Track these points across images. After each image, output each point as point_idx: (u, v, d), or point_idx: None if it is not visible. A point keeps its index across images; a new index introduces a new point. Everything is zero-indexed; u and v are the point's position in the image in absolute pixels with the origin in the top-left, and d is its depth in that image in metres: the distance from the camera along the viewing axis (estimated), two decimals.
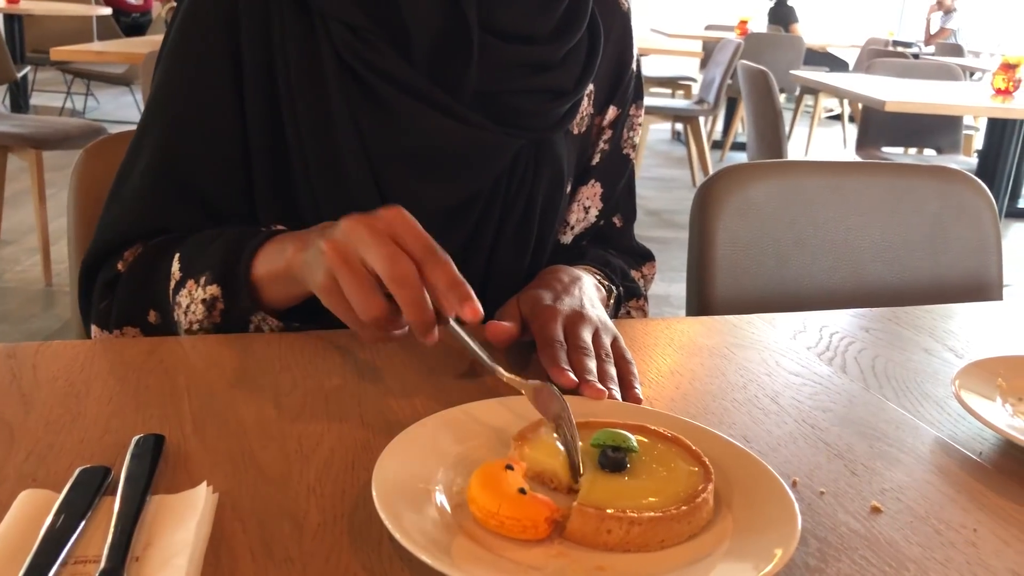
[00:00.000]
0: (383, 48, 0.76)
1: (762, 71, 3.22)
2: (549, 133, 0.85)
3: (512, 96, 0.80)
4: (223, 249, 0.70)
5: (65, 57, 3.04)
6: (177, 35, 0.79)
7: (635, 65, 0.94)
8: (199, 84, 0.77)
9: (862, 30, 8.65)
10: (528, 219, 0.86)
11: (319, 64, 0.76)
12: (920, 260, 1.23)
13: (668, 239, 4.01)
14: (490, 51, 0.78)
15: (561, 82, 0.83)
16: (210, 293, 0.70)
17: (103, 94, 6.71)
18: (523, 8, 0.79)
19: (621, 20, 0.92)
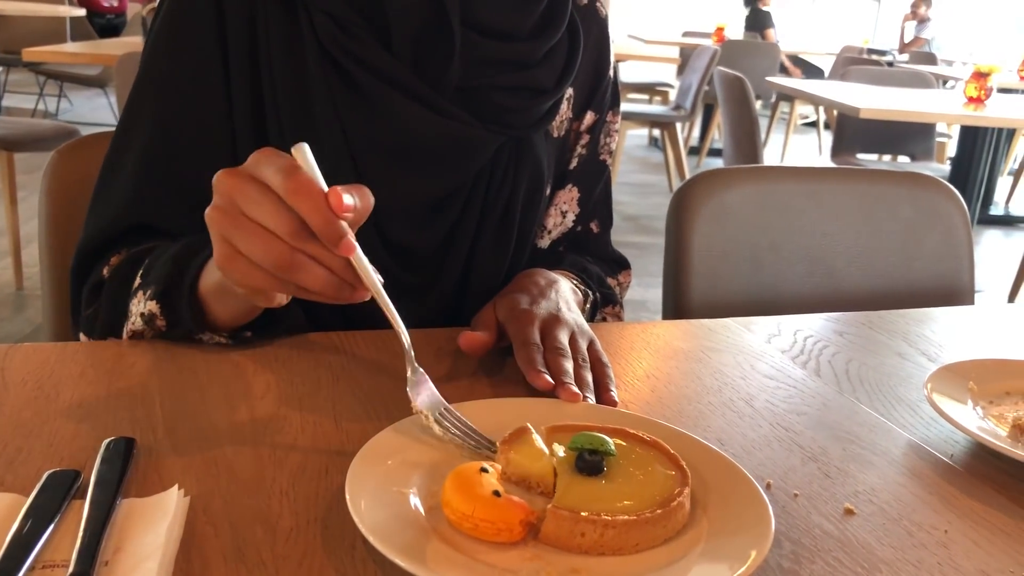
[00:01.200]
0: (366, 39, 0.76)
1: (738, 78, 3.24)
2: (529, 131, 0.85)
3: (493, 92, 0.81)
4: (169, 263, 0.69)
5: (38, 58, 3.01)
6: (162, 30, 0.78)
7: (612, 72, 0.95)
8: (186, 78, 0.77)
9: (837, 38, 8.74)
10: (508, 218, 0.86)
11: (302, 55, 0.76)
12: (894, 265, 1.24)
13: (645, 244, 4.03)
14: (471, 47, 0.78)
15: (541, 80, 0.83)
16: (149, 309, 0.68)
17: (77, 96, 6.64)
18: (503, 5, 0.79)
19: (599, 27, 0.92)
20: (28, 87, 6.39)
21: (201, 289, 0.66)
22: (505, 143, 0.84)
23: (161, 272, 0.68)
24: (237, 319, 0.68)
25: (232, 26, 0.76)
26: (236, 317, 0.68)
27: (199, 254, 0.67)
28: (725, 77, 3.41)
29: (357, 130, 0.78)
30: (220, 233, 0.54)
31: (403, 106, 0.77)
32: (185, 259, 0.68)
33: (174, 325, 0.68)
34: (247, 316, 0.68)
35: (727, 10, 8.22)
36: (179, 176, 0.77)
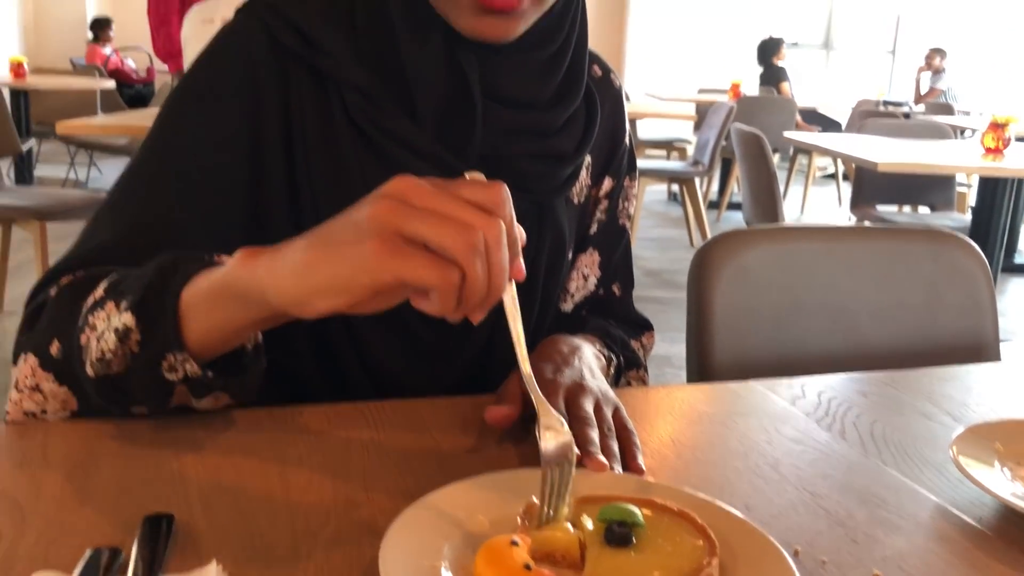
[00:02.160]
0: (392, 112, 0.79)
1: (755, 135, 3.27)
2: (552, 196, 0.88)
3: (516, 160, 0.83)
4: (152, 274, 0.63)
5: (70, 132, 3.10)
6: (191, 91, 0.80)
7: (628, 140, 0.97)
8: (209, 142, 0.78)
9: (853, 91, 8.80)
10: (532, 283, 0.88)
11: (333, 130, 0.79)
12: (916, 322, 1.24)
13: (667, 299, 4.03)
14: (494, 116, 0.81)
15: (562, 147, 0.86)
16: (124, 323, 0.62)
17: (105, 164, 6.79)
18: (524, 75, 0.82)
19: (613, 97, 0.95)
20: (60, 156, 6.55)
21: (184, 304, 0.61)
22: (528, 209, 0.86)
23: (139, 283, 0.63)
24: (211, 348, 0.63)
25: (267, 101, 0.79)
26: (211, 346, 0.62)
27: (184, 266, 0.63)
28: (742, 134, 3.44)
29: None
30: (394, 222, 0.50)
31: (428, 175, 0.79)
32: (169, 269, 0.63)
33: (148, 343, 0.62)
34: (234, 335, 0.63)
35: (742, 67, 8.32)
36: (172, 231, 0.75)
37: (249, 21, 0.81)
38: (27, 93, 5.37)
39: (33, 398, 0.67)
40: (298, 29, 0.80)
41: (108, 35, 8.13)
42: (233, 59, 0.80)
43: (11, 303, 3.54)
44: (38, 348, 0.67)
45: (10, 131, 4.30)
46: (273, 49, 0.79)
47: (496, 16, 0.74)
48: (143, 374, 0.62)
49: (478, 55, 0.79)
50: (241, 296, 0.58)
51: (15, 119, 4.83)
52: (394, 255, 0.50)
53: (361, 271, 0.51)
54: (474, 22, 0.75)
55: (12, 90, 5.15)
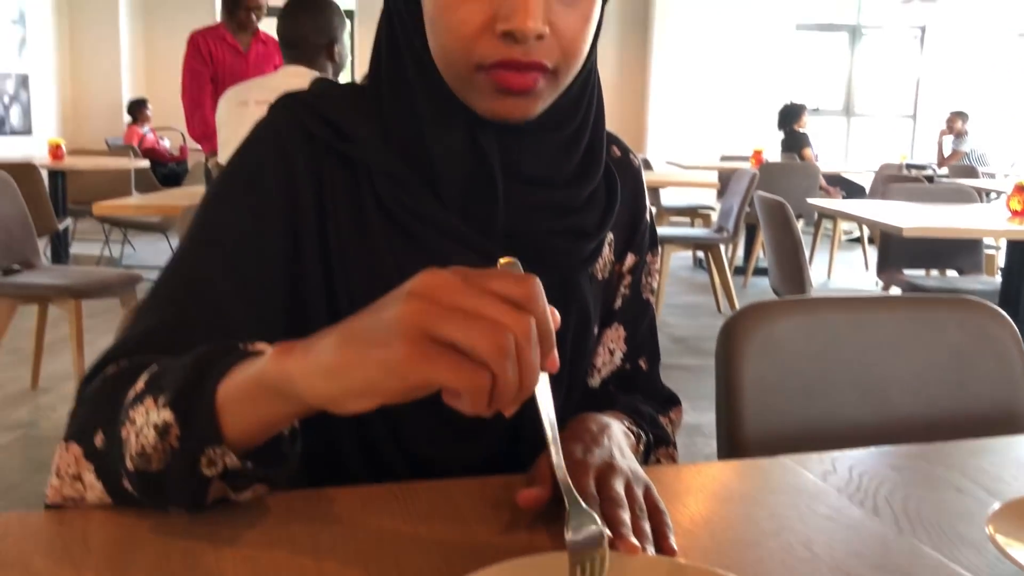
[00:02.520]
0: (419, 193, 0.82)
1: (779, 202, 3.29)
2: (576, 272, 0.90)
3: (540, 236, 0.85)
4: (190, 368, 0.63)
5: (107, 212, 3.18)
6: (230, 181, 0.84)
7: (648, 216, 1.00)
8: (248, 228, 0.81)
9: (875, 155, 8.84)
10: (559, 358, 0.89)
11: (365, 214, 0.82)
12: (946, 392, 1.23)
13: (696, 367, 4.01)
14: (517, 194, 0.83)
15: (585, 223, 0.88)
16: (163, 419, 0.62)
17: (139, 241, 6.94)
18: (544, 154, 0.85)
19: (633, 176, 0.98)
20: (95, 234, 6.71)
21: (221, 398, 0.62)
22: (553, 284, 0.87)
23: (176, 378, 0.63)
24: (249, 440, 0.63)
25: (302, 190, 0.83)
26: (250, 438, 0.63)
27: (220, 360, 0.63)
28: (765, 201, 3.47)
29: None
30: (422, 324, 0.50)
31: (456, 254, 0.82)
32: (205, 364, 0.63)
33: (187, 438, 0.62)
34: (271, 430, 0.63)
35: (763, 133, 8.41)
36: (217, 317, 0.77)
37: (282, 114, 0.85)
38: (64, 173, 5.52)
39: (74, 486, 0.69)
40: (329, 120, 0.83)
41: (145, 115, 8.40)
42: (269, 152, 0.83)
43: (45, 380, 3.60)
44: (82, 438, 0.68)
45: (48, 211, 4.43)
46: (306, 140, 0.83)
47: (514, 97, 0.77)
48: (182, 470, 0.63)
49: (499, 136, 0.82)
50: (276, 393, 0.58)
51: (52, 199, 4.97)
52: (424, 359, 0.50)
53: (391, 375, 0.51)
54: (493, 104, 0.78)
55: (50, 171, 5.30)
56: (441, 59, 0.79)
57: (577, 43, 0.77)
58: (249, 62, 4.10)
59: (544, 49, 0.75)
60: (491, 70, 0.76)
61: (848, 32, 9.91)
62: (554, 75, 0.78)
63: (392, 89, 0.83)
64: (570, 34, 0.76)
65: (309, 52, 2.80)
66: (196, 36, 4.06)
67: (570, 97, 0.84)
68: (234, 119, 2.75)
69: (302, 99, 0.86)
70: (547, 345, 0.53)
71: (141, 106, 8.41)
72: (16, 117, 8.22)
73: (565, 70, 0.78)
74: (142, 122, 8.37)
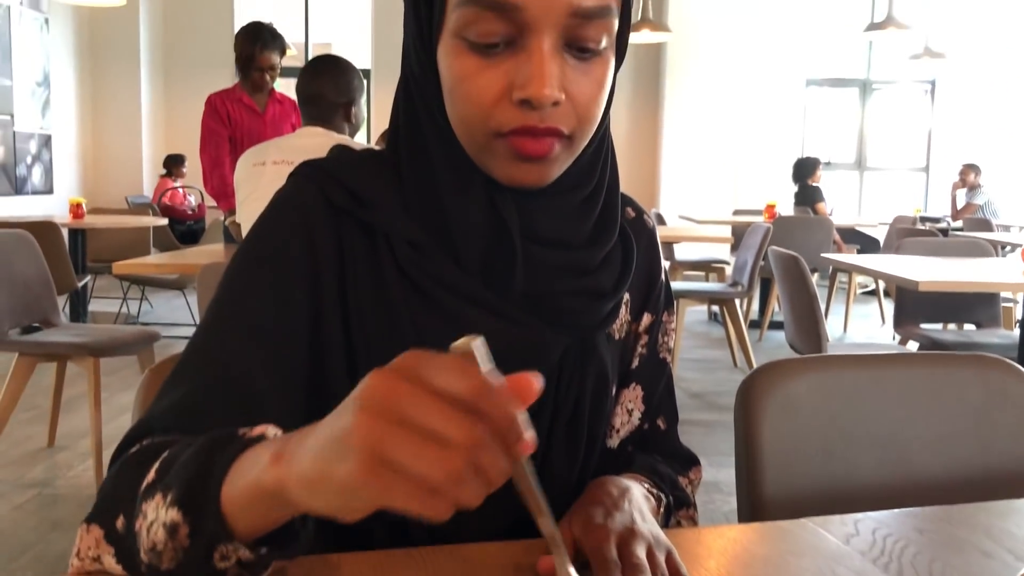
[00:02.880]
0: (438, 259, 0.83)
1: (793, 257, 3.30)
2: (594, 332, 0.90)
3: (558, 297, 0.86)
4: (193, 463, 0.62)
5: (126, 271, 3.22)
6: (255, 260, 0.84)
7: (664, 276, 1.01)
8: (272, 298, 0.82)
9: (888, 208, 8.85)
10: (577, 419, 0.89)
11: (385, 281, 0.83)
12: (968, 451, 1.22)
13: (713, 422, 3.99)
14: (534, 256, 0.84)
15: (601, 284, 0.89)
16: (171, 518, 0.61)
17: (156, 298, 7.00)
18: (560, 217, 0.86)
19: (647, 236, 1.00)
20: (113, 291, 6.77)
21: (226, 498, 0.60)
22: (571, 345, 0.88)
23: (182, 473, 0.62)
24: (266, 527, 0.61)
25: (323, 259, 0.83)
26: (265, 526, 0.61)
27: (221, 456, 0.61)
28: (780, 256, 3.47)
29: (434, 342, 0.82)
30: (372, 446, 0.48)
31: (475, 317, 0.83)
32: (207, 458, 0.61)
33: (197, 535, 0.61)
34: (277, 524, 0.61)
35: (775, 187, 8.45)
36: (240, 390, 0.78)
37: (303, 183, 0.86)
38: (84, 232, 5.60)
39: (93, 568, 0.68)
40: (349, 188, 0.85)
41: (181, 171, 8.65)
42: (290, 224, 0.84)
43: (62, 437, 3.61)
44: (103, 520, 0.67)
45: (67, 269, 4.48)
46: (327, 209, 0.84)
47: (530, 163, 0.79)
48: (195, 565, 0.61)
49: (516, 200, 0.84)
50: (277, 501, 0.56)
51: (72, 256, 5.03)
52: (379, 485, 0.48)
53: (354, 498, 0.50)
54: (510, 171, 0.80)
55: (71, 229, 5.38)
56: (459, 126, 0.81)
57: (592, 109, 0.79)
58: (266, 121, 4.17)
59: (560, 115, 0.77)
60: (508, 137, 0.77)
61: (858, 87, 10.00)
62: (570, 140, 0.79)
63: (411, 156, 0.85)
64: (585, 100, 0.78)
65: (327, 111, 2.85)
66: (213, 98, 4.14)
67: (585, 160, 0.85)
68: (252, 178, 2.79)
69: (322, 167, 0.87)
70: (512, 436, 0.49)
71: (178, 162, 8.68)
72: (38, 176, 8.36)
73: (580, 135, 0.80)
74: (176, 177, 8.59)
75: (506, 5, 0.73)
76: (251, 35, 4.05)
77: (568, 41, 0.76)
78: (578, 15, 0.75)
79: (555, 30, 0.75)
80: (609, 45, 0.79)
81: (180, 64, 9.42)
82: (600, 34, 0.77)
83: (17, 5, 7.95)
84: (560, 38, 0.75)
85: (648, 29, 6.73)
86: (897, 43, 8.59)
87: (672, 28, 7.55)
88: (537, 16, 0.74)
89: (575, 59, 0.77)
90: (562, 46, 0.76)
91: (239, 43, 4.07)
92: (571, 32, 0.76)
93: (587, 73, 0.78)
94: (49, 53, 8.46)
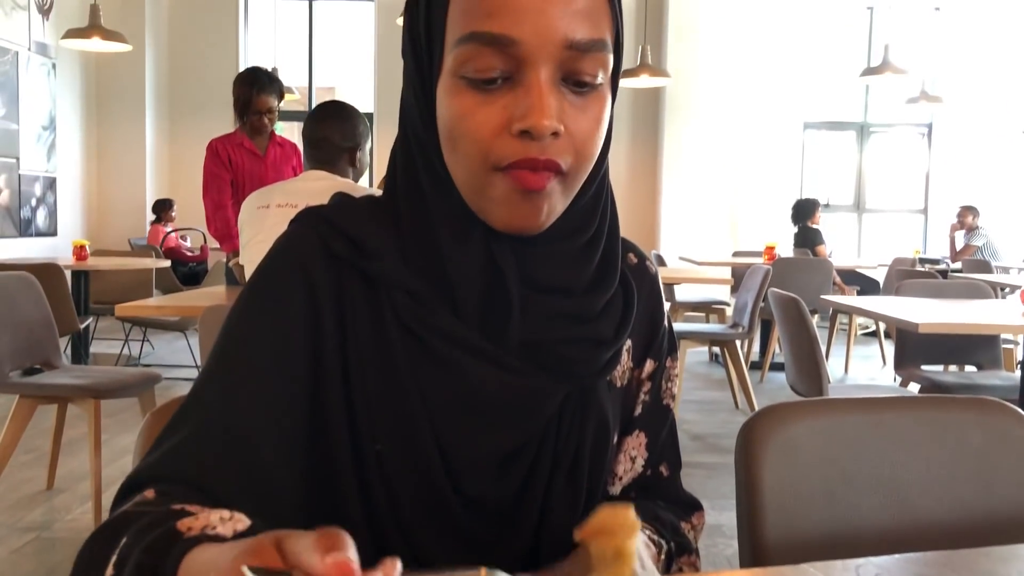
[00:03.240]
0: (437, 309, 0.83)
1: (793, 299, 3.31)
2: (593, 380, 0.90)
3: (558, 345, 0.86)
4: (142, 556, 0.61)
5: (129, 314, 3.24)
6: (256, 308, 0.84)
7: (666, 322, 1.01)
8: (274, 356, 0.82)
9: (887, 250, 8.89)
10: (578, 468, 0.89)
11: (385, 330, 0.83)
12: (970, 495, 1.22)
13: (715, 464, 3.97)
14: (533, 304, 0.84)
15: (602, 332, 0.88)
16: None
17: (158, 340, 7.01)
18: (558, 265, 0.86)
19: (650, 281, 1.00)
20: (114, 333, 6.78)
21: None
22: (571, 393, 0.88)
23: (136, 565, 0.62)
24: None
25: (324, 308, 0.84)
26: None
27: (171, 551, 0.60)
28: (780, 298, 3.48)
29: (433, 392, 0.83)
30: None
31: (473, 367, 0.83)
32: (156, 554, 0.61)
33: None
34: None
35: (774, 228, 8.49)
36: (238, 443, 0.78)
37: (303, 231, 0.87)
38: (88, 273, 5.62)
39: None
40: (348, 236, 0.85)
41: (170, 215, 8.63)
42: (290, 270, 0.85)
43: (61, 479, 3.59)
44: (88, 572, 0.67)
45: (70, 311, 4.49)
46: (326, 256, 0.84)
47: (529, 201, 0.79)
48: None
49: (514, 249, 0.84)
50: None
51: (75, 298, 5.04)
52: None
53: None
54: (508, 212, 0.80)
55: (74, 271, 5.40)
56: (459, 167, 0.81)
57: (589, 145, 0.80)
58: (267, 164, 4.22)
59: (558, 148, 0.77)
60: (508, 171, 0.78)
61: (856, 130, 10.09)
62: (566, 178, 0.80)
63: (409, 205, 0.85)
64: (582, 135, 0.79)
65: (331, 155, 2.88)
66: (215, 143, 4.19)
67: (584, 205, 0.86)
68: (256, 221, 2.81)
69: (323, 215, 0.87)
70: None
71: (166, 206, 8.66)
72: (42, 218, 8.42)
73: (577, 172, 0.80)
74: (166, 222, 8.59)
75: (503, 39, 0.75)
76: (248, 80, 4.12)
77: (565, 75, 0.77)
78: (574, 48, 0.76)
79: (552, 63, 0.76)
80: (605, 81, 0.80)
81: (185, 108, 9.53)
82: (596, 68, 0.78)
83: (26, 51, 8.06)
84: (557, 71, 0.76)
85: (647, 74, 6.82)
86: (893, 87, 8.69)
87: (671, 72, 7.65)
88: (533, 50, 0.75)
89: (572, 94, 0.78)
90: (559, 80, 0.77)
91: (237, 88, 4.14)
92: (568, 66, 0.77)
93: (584, 109, 0.78)
94: (56, 97, 8.57)
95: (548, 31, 0.75)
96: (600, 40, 0.78)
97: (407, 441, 0.83)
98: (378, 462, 0.83)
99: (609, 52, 0.79)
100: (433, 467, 0.83)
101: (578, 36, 0.76)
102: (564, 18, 0.75)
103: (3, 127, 7.76)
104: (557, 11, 0.75)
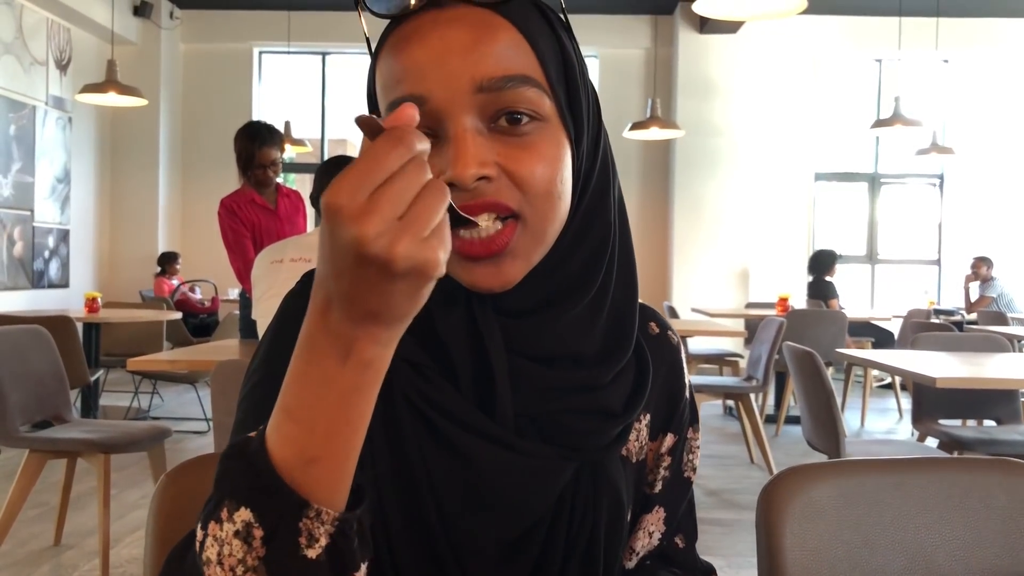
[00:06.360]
0: (437, 382, 0.79)
1: (808, 352, 3.28)
2: (603, 455, 0.85)
3: (564, 416, 0.81)
4: (223, 469, 0.62)
5: (140, 367, 3.23)
6: (267, 371, 0.81)
7: (688, 393, 0.96)
8: None
9: (900, 300, 8.85)
10: (592, 552, 0.84)
11: (394, 410, 0.79)
12: (997, 557, 1.19)
13: (731, 521, 3.90)
14: (526, 376, 0.79)
15: (610, 403, 0.83)
16: (241, 520, 0.59)
17: (167, 392, 7.00)
18: (553, 333, 0.81)
19: (671, 353, 0.95)
20: (124, 385, 6.78)
21: (276, 457, 0.60)
22: (581, 470, 0.84)
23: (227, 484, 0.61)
24: (329, 461, 0.61)
25: None
26: (327, 457, 0.61)
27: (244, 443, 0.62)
28: (795, 352, 3.46)
29: (440, 472, 0.79)
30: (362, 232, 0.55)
31: (474, 446, 0.78)
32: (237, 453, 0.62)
33: (272, 521, 0.59)
34: (335, 442, 0.61)
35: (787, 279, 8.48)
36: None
37: (310, 289, 0.85)
38: (99, 326, 5.64)
39: None
40: None
41: (175, 268, 8.65)
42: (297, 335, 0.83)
43: (68, 535, 3.56)
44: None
45: (81, 364, 4.50)
46: None
47: (485, 264, 0.75)
48: (283, 564, 0.59)
49: (500, 315, 0.79)
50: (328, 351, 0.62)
51: (86, 350, 5.05)
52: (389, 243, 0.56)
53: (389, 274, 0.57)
54: (468, 275, 0.76)
55: (85, 323, 5.42)
56: None
57: (538, 182, 0.75)
58: (280, 217, 4.24)
59: (495, 190, 0.73)
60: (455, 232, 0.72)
61: (867, 181, 10.11)
62: (526, 219, 0.75)
63: None
64: (525, 172, 0.74)
65: None
66: (228, 202, 4.20)
67: (579, 267, 0.81)
68: (270, 275, 2.82)
69: None
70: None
71: (171, 260, 8.67)
72: (55, 270, 8.48)
73: (532, 212, 0.75)
74: (171, 275, 8.60)
75: (413, 99, 0.71)
76: (249, 134, 4.18)
77: (493, 116, 0.74)
78: (486, 90, 0.73)
79: (468, 110, 0.73)
80: (550, 116, 0.76)
81: (197, 162, 9.63)
82: (521, 104, 0.74)
83: (43, 105, 8.20)
84: (479, 117, 0.73)
85: (657, 127, 6.87)
86: (904, 138, 8.72)
87: (681, 125, 7.71)
88: (443, 103, 0.72)
89: (510, 135, 0.74)
90: (488, 124, 0.74)
91: (238, 144, 4.18)
92: (490, 108, 0.73)
93: (525, 147, 0.74)
94: (71, 150, 8.69)
95: (452, 80, 0.72)
96: (517, 75, 0.74)
97: (418, 530, 0.79)
98: (388, 549, 0.79)
99: (537, 87, 0.75)
100: (440, 552, 0.79)
101: (487, 77, 0.72)
102: (467, 64, 0.72)
103: (19, 180, 7.85)
104: (457, 59, 0.72)
